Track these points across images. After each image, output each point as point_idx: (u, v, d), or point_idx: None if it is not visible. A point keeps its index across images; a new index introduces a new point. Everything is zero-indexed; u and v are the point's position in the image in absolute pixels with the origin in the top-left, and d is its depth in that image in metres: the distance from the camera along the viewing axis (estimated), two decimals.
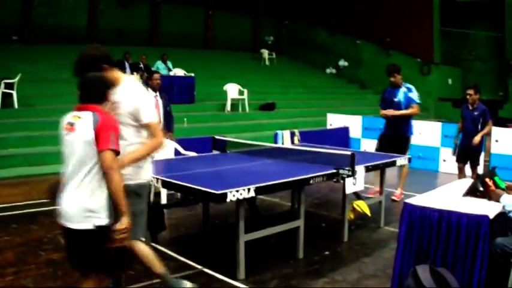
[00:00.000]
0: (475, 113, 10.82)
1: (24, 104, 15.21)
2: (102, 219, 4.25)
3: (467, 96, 10.91)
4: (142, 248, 5.08)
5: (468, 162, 11.07)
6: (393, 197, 10.78)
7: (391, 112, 10.53)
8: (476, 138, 10.70)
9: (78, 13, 25.95)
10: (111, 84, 4.51)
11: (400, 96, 10.57)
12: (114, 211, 4.30)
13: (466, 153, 11.02)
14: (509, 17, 26.53)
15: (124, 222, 4.26)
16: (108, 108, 4.48)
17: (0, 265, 6.36)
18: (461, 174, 10.97)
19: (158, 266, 5.20)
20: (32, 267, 5.66)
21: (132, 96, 4.85)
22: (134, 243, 4.94)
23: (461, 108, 11.30)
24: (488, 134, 11.83)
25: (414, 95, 10.60)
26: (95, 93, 4.36)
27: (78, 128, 4.21)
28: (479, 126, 10.81)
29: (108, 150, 4.17)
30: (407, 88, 10.63)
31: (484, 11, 27.33)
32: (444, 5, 27.74)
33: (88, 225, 4.21)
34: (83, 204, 4.20)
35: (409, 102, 10.54)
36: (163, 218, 7.79)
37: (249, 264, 6.38)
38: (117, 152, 4.26)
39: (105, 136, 4.17)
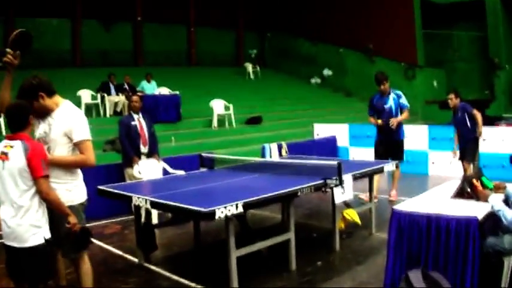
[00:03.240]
0: (459, 115, 11.37)
1: None
2: (48, 232, 4.88)
3: (449, 101, 11.38)
4: (87, 265, 5.60)
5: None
6: (391, 198, 11.13)
7: (396, 121, 10.80)
8: (480, 131, 11.39)
9: (61, 36, 25.97)
10: (30, 110, 4.94)
11: (391, 102, 10.96)
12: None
13: (462, 152, 11.57)
14: (491, 16, 26.65)
15: (73, 217, 5.00)
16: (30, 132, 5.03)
17: None
18: (467, 172, 11.21)
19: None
20: None
21: (66, 117, 5.27)
22: (80, 257, 5.53)
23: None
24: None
25: (404, 100, 11.00)
26: (16, 122, 4.83)
27: (11, 157, 4.72)
28: (469, 124, 11.33)
29: (41, 177, 4.73)
30: (397, 95, 11.01)
31: (465, 12, 27.33)
32: (425, 8, 27.77)
33: (38, 240, 4.80)
34: (31, 223, 4.77)
35: (399, 107, 10.95)
36: (155, 237, 7.81)
37: (242, 279, 6.36)
38: (47, 176, 4.84)
39: (37, 164, 4.71)
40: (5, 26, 23.55)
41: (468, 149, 11.35)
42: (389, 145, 11.01)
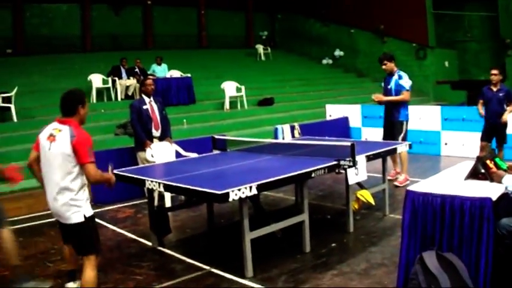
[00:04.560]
0: (500, 94, 11.28)
1: (24, 117, 15.15)
2: (89, 211, 5.21)
3: (492, 77, 11.30)
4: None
5: (494, 140, 11.55)
6: (396, 183, 10.92)
7: (379, 98, 11.06)
8: (504, 117, 11.16)
9: (71, 22, 25.90)
10: (79, 99, 5.27)
11: (392, 83, 10.98)
12: None
13: (493, 130, 11.46)
14: None
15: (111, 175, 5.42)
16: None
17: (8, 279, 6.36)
18: (482, 152, 11.12)
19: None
20: (41, 279, 5.67)
21: None
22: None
23: (482, 90, 11.65)
24: None
25: (404, 82, 10.91)
26: (65, 108, 5.20)
27: (58, 140, 5.05)
28: (505, 107, 11.25)
29: (89, 163, 5.00)
30: (399, 76, 10.97)
31: None
32: None
33: (79, 218, 5.11)
34: (72, 203, 5.08)
35: (399, 89, 10.90)
36: (168, 221, 7.81)
37: (256, 261, 6.39)
38: (94, 162, 5.06)
39: (84, 151, 4.99)
40: (14, 12, 23.57)
41: (502, 128, 11.30)
42: (389, 125, 11.11)
